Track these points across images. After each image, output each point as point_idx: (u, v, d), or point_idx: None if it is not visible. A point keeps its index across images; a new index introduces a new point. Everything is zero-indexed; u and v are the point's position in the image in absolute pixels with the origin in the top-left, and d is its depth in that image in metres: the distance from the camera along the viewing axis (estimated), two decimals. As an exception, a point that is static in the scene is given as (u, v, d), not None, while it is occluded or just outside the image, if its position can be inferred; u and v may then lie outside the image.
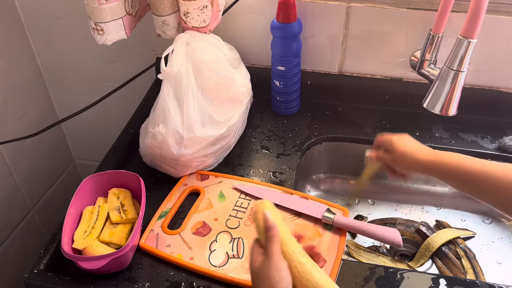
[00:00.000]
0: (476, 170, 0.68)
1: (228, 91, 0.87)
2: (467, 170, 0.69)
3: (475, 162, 0.70)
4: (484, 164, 0.69)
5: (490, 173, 0.67)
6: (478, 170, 0.68)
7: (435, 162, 0.72)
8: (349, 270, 0.70)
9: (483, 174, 0.67)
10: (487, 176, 0.67)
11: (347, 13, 0.92)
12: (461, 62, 0.73)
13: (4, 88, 1.08)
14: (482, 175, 0.67)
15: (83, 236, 0.72)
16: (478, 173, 0.68)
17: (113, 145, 0.91)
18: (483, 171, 0.67)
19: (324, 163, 0.99)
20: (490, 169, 0.67)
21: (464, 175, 0.69)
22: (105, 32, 0.80)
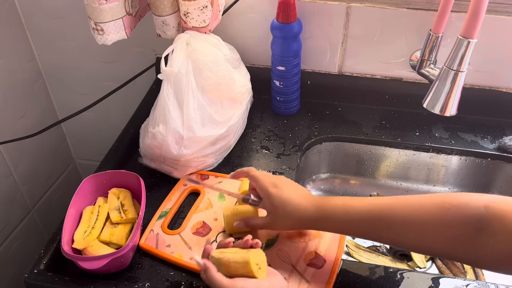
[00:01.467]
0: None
1: (228, 91, 0.87)
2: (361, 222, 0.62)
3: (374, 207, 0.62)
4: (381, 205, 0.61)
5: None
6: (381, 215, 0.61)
7: (318, 221, 0.65)
8: (349, 270, 0.70)
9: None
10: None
11: (347, 13, 0.92)
12: (461, 62, 0.73)
13: (4, 88, 1.08)
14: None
15: (83, 236, 0.72)
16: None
17: (113, 145, 0.91)
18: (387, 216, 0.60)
19: (324, 163, 0.99)
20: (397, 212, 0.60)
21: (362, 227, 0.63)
22: (105, 32, 0.80)
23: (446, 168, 0.95)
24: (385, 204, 0.61)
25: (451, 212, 0.57)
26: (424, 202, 0.59)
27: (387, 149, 0.95)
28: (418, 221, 0.58)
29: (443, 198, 0.59)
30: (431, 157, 0.94)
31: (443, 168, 0.95)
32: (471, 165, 0.93)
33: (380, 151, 0.96)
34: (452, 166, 0.94)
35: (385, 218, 0.60)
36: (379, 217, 0.61)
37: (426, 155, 0.94)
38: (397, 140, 0.94)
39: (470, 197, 0.57)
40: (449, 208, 0.57)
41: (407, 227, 0.59)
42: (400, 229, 0.60)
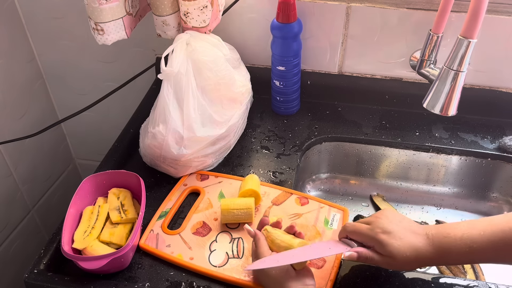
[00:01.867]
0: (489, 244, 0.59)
1: (228, 91, 0.87)
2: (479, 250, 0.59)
3: (483, 233, 0.59)
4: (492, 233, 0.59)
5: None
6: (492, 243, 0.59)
7: (440, 258, 0.61)
8: (349, 270, 0.70)
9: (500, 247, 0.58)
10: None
11: (347, 13, 0.92)
12: (461, 62, 0.73)
13: (4, 88, 1.08)
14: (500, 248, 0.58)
15: (83, 236, 0.72)
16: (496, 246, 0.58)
17: (113, 145, 0.91)
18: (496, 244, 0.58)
19: (324, 163, 0.99)
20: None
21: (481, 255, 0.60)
22: (105, 32, 0.80)
23: (446, 168, 0.95)
24: (505, 228, 0.59)
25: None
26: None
27: (387, 149, 0.95)
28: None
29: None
30: (431, 157, 0.94)
31: (443, 168, 0.95)
32: (471, 165, 0.93)
33: (380, 151, 0.96)
34: (452, 166, 0.94)
35: (508, 240, 0.58)
36: (504, 245, 0.58)
37: (426, 155, 0.94)
38: (397, 140, 0.94)
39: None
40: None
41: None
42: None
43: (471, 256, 0.60)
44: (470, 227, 0.61)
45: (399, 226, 0.63)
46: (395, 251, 0.61)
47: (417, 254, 0.61)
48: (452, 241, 0.60)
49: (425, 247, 0.61)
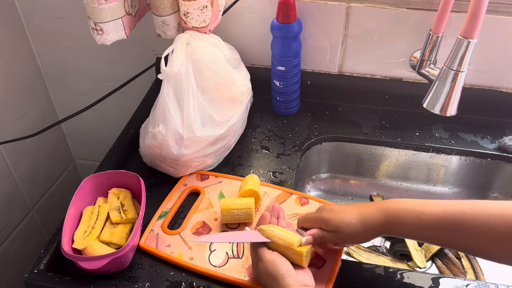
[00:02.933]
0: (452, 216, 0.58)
1: (228, 91, 0.87)
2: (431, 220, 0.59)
3: (437, 206, 0.59)
4: (451, 206, 0.59)
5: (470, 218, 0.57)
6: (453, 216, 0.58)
7: (388, 225, 0.62)
8: (349, 270, 0.70)
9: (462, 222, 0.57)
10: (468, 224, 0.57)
11: (347, 13, 0.92)
12: (461, 62, 0.73)
13: (4, 88, 1.08)
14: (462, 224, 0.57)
15: (83, 236, 0.72)
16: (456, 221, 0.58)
17: (113, 145, 0.91)
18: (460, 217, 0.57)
19: (324, 163, 0.99)
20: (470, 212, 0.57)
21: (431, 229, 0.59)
22: (105, 32, 0.80)
23: (446, 168, 0.95)
24: (458, 210, 0.58)
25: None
26: (502, 211, 0.56)
27: (387, 149, 0.95)
28: (499, 230, 0.56)
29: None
30: (431, 157, 0.94)
31: (443, 168, 0.95)
32: (471, 165, 0.93)
33: (380, 151, 0.96)
34: (452, 166, 0.94)
35: (460, 226, 0.57)
36: (452, 226, 0.58)
37: (426, 155, 0.94)
38: (397, 140, 0.94)
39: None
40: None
41: (486, 236, 0.57)
42: (478, 237, 0.57)
43: (420, 230, 0.60)
44: (423, 202, 0.61)
45: (345, 205, 0.66)
46: (339, 222, 0.63)
47: (363, 219, 0.62)
48: (401, 210, 0.61)
49: (372, 211, 0.62)
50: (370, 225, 0.62)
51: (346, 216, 0.63)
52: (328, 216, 0.64)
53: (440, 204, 0.60)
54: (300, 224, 0.69)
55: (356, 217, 0.63)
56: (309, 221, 0.67)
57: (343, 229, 0.63)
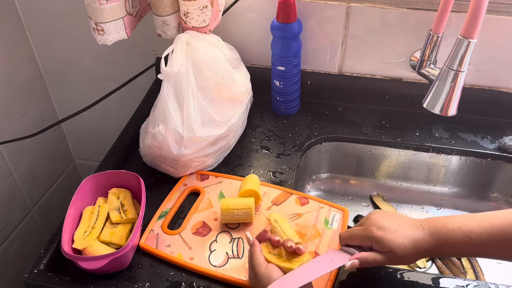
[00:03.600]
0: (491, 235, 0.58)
1: (228, 91, 0.87)
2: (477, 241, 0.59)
3: (481, 225, 0.59)
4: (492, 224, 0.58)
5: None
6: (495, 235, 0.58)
7: (438, 248, 0.61)
8: (349, 270, 0.70)
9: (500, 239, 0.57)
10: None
11: (347, 13, 0.92)
12: (461, 62, 0.73)
13: (4, 88, 1.08)
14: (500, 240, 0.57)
15: (83, 236, 0.72)
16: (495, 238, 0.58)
17: (113, 145, 0.91)
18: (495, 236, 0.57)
19: (324, 163, 0.99)
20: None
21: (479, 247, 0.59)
22: (106, 32, 0.80)
23: (446, 168, 0.95)
24: (506, 223, 0.58)
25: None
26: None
27: (387, 149, 0.95)
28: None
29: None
30: (431, 157, 0.94)
31: (443, 168, 0.95)
32: (471, 165, 0.93)
33: (380, 151, 0.96)
34: (452, 166, 0.94)
35: (507, 234, 0.57)
36: (503, 238, 0.58)
37: (426, 155, 0.94)
38: (397, 140, 0.94)
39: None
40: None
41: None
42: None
43: (469, 248, 0.59)
44: (467, 219, 0.60)
45: (392, 220, 0.63)
46: (394, 244, 0.60)
47: (415, 244, 0.60)
48: (450, 231, 0.60)
49: (423, 236, 0.61)
50: (421, 250, 0.61)
51: (399, 238, 0.60)
52: (380, 235, 0.61)
53: (486, 218, 0.59)
54: (344, 241, 0.65)
55: (409, 241, 0.60)
56: (356, 238, 0.63)
57: (397, 251, 0.60)
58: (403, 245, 0.60)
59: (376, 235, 0.61)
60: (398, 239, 0.60)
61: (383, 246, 0.60)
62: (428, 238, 0.61)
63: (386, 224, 0.62)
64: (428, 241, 0.60)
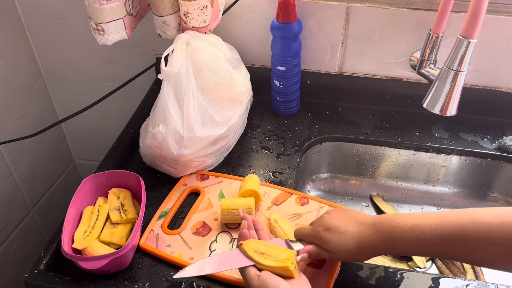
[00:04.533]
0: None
1: (228, 91, 0.87)
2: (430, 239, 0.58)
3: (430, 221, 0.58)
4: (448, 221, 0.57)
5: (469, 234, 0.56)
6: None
7: (386, 247, 0.61)
8: (349, 270, 0.70)
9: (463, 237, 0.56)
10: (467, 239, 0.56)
11: (347, 13, 0.92)
12: (461, 62, 0.73)
13: (4, 88, 1.08)
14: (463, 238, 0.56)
15: (83, 236, 0.72)
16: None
17: (113, 145, 0.91)
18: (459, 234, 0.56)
19: (324, 163, 0.99)
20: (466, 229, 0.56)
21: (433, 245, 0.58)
22: (106, 32, 0.80)
23: (446, 168, 0.95)
24: (457, 224, 0.57)
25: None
26: (502, 220, 0.55)
27: (387, 149, 0.95)
28: (502, 242, 0.55)
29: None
30: (431, 157, 0.94)
31: (443, 168, 0.95)
32: (471, 165, 0.93)
33: (380, 151, 0.96)
34: (452, 166, 0.94)
35: (462, 240, 0.57)
36: (454, 240, 0.57)
37: (426, 155, 0.94)
38: (397, 140, 0.94)
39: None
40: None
41: (489, 249, 0.56)
42: (481, 250, 0.56)
43: (420, 248, 0.59)
44: (421, 219, 0.60)
45: (342, 220, 0.63)
46: (336, 245, 0.61)
47: (360, 244, 0.61)
48: (400, 231, 0.59)
49: (370, 236, 0.61)
50: (367, 249, 0.61)
51: (344, 240, 0.61)
52: (326, 236, 0.62)
53: (438, 218, 0.59)
54: (297, 237, 0.67)
55: (353, 242, 0.61)
56: (306, 237, 0.65)
57: (339, 253, 0.62)
58: (347, 247, 0.61)
59: (321, 236, 0.63)
60: (343, 241, 0.61)
61: (328, 247, 0.62)
62: (377, 237, 0.61)
63: (334, 225, 0.63)
64: (376, 241, 0.61)
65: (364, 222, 0.62)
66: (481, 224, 0.56)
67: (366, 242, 0.61)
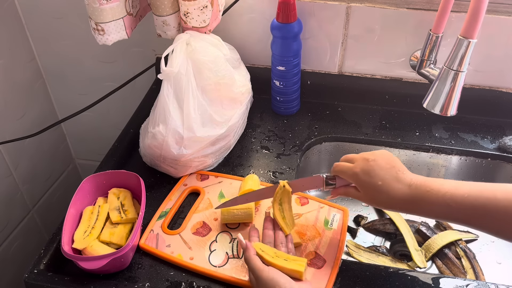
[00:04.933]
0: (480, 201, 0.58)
1: (228, 91, 0.87)
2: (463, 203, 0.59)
3: (472, 191, 0.59)
4: (485, 192, 0.59)
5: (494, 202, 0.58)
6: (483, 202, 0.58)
7: (415, 204, 0.63)
8: (349, 270, 0.70)
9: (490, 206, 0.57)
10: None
11: (347, 13, 0.92)
12: (461, 62, 0.73)
13: (4, 88, 1.08)
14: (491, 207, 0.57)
15: (83, 236, 0.72)
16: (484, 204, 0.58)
17: (113, 145, 0.91)
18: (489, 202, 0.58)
19: (324, 163, 0.99)
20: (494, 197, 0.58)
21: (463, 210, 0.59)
22: (106, 32, 0.80)
23: (446, 168, 0.95)
24: (490, 196, 0.58)
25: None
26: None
27: (387, 149, 0.95)
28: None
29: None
30: (431, 157, 0.94)
31: (443, 168, 0.95)
32: (471, 165, 0.93)
33: (380, 151, 0.96)
34: (452, 166, 0.94)
35: (491, 209, 0.58)
36: (484, 212, 0.58)
37: (426, 155, 0.94)
38: (397, 140, 0.94)
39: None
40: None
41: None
42: (507, 223, 0.57)
43: (450, 215, 0.61)
44: (455, 188, 0.60)
45: (382, 170, 0.64)
46: (369, 194, 0.64)
47: (392, 200, 0.63)
48: (433, 197, 0.61)
49: (405, 196, 0.62)
50: (396, 205, 0.63)
51: (379, 191, 0.63)
52: (364, 181, 0.64)
53: (471, 189, 0.59)
54: (334, 173, 0.69)
55: (386, 197, 0.63)
56: (343, 174, 0.67)
57: (369, 200, 0.65)
58: (379, 198, 0.63)
59: (359, 179, 0.64)
60: (378, 192, 0.63)
61: (361, 191, 0.65)
62: (410, 198, 0.62)
63: (374, 173, 0.63)
64: (408, 201, 0.62)
65: (403, 181, 0.63)
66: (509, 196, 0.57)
67: (399, 200, 0.62)
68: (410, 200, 0.62)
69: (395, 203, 0.63)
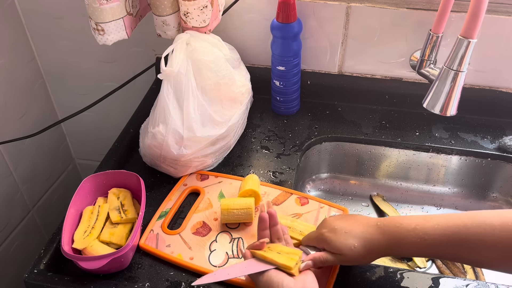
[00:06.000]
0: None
1: (228, 91, 0.87)
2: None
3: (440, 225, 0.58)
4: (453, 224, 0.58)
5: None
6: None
7: (390, 247, 0.61)
8: (349, 270, 0.70)
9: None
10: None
11: (347, 13, 0.92)
12: (461, 62, 0.73)
13: (4, 88, 1.08)
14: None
15: (83, 236, 0.72)
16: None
17: (113, 145, 0.91)
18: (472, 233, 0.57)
19: (324, 163, 0.99)
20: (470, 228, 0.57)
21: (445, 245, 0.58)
22: (106, 32, 0.80)
23: (446, 168, 0.95)
24: (460, 225, 0.58)
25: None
26: (505, 221, 0.56)
27: (387, 149, 0.95)
28: (505, 243, 0.55)
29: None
30: (431, 157, 0.94)
31: (443, 168, 0.95)
32: (471, 165, 0.93)
33: (380, 151, 0.96)
34: (452, 166, 0.94)
35: (465, 242, 0.57)
36: (457, 240, 0.57)
37: (426, 155, 0.94)
38: (397, 140, 0.94)
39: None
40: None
41: (492, 250, 0.56)
42: (484, 251, 0.57)
43: (424, 249, 0.60)
44: (424, 220, 0.60)
45: (345, 222, 0.64)
46: (342, 245, 0.61)
47: (365, 244, 0.61)
48: (404, 232, 0.60)
49: (375, 236, 0.61)
50: (372, 249, 0.61)
51: (349, 239, 0.62)
52: (330, 237, 0.63)
53: (440, 219, 0.59)
54: (304, 243, 0.68)
55: (359, 241, 0.61)
56: (312, 240, 0.66)
57: (346, 252, 0.62)
58: (353, 246, 0.61)
59: (325, 236, 0.63)
60: (348, 240, 0.61)
61: (332, 248, 0.62)
62: (381, 237, 0.61)
63: (338, 226, 0.63)
64: (380, 240, 0.61)
65: (368, 223, 0.63)
66: (483, 224, 0.57)
67: (371, 242, 0.61)
68: (382, 240, 0.61)
69: (368, 248, 0.61)
